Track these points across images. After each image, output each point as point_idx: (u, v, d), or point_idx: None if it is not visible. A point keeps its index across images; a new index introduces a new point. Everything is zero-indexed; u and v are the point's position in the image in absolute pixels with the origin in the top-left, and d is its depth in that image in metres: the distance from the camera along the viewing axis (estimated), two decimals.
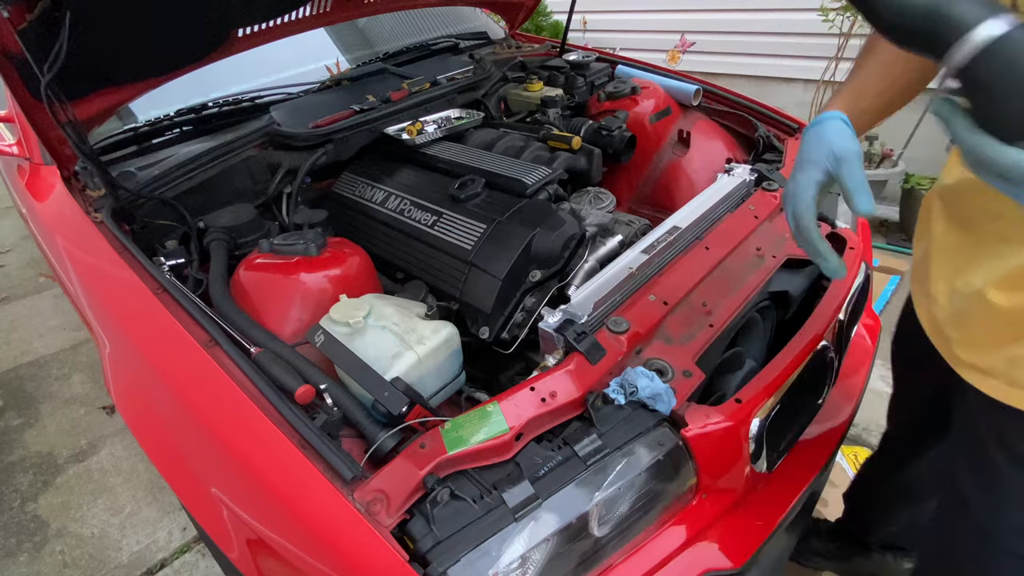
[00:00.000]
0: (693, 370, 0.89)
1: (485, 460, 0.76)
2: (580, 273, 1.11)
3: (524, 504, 0.72)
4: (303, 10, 1.50)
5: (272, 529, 0.75)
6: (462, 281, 1.09)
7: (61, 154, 1.21)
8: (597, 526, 0.80)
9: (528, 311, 1.07)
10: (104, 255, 1.05)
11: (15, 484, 1.85)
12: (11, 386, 2.25)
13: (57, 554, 1.63)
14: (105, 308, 1.05)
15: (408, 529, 0.69)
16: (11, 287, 2.92)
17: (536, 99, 1.73)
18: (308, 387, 0.81)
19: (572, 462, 0.77)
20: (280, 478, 0.73)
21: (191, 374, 0.86)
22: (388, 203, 1.29)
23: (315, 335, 0.91)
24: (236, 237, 1.21)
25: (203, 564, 1.57)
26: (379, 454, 0.75)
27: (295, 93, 1.60)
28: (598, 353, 0.85)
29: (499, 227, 1.10)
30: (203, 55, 1.36)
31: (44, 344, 2.47)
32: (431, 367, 0.91)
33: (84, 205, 1.17)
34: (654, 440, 0.83)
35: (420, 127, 1.49)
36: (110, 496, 1.78)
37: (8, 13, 0.96)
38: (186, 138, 1.43)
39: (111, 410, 2.10)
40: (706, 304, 1.00)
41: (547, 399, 0.80)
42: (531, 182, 1.21)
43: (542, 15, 4.42)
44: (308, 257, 1.05)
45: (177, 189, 1.26)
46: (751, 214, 1.17)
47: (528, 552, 0.73)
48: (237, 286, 1.06)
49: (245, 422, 0.77)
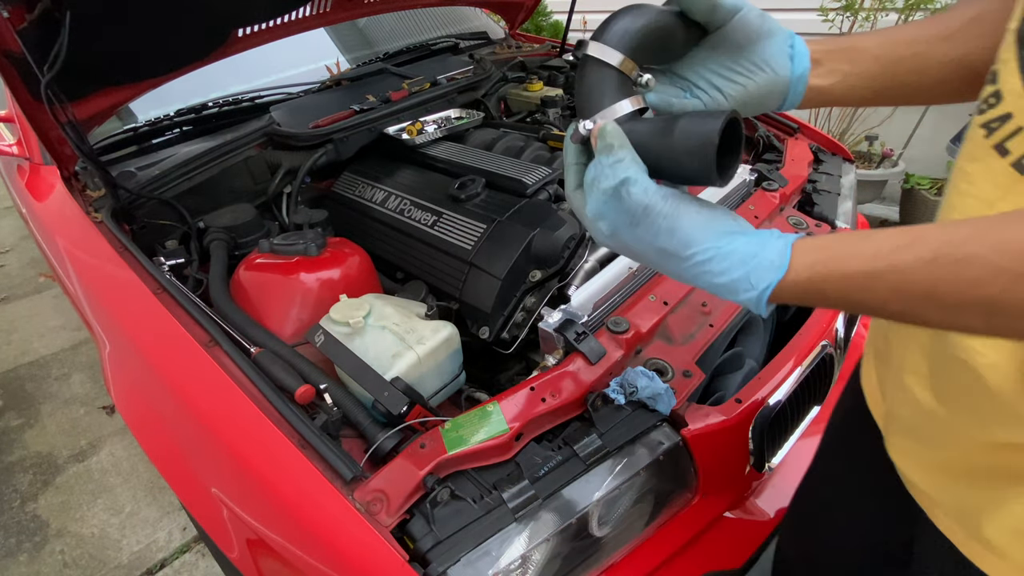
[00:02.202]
0: (693, 370, 0.89)
1: (485, 460, 0.76)
2: (580, 273, 1.11)
3: (524, 504, 0.72)
4: (303, 10, 1.50)
5: (272, 529, 0.75)
6: (462, 281, 1.09)
7: (61, 154, 1.21)
8: (597, 526, 0.80)
9: (528, 311, 1.07)
10: (104, 255, 1.05)
11: (15, 484, 1.85)
12: (11, 386, 2.25)
13: (57, 554, 1.63)
14: (105, 308, 1.05)
15: (408, 529, 0.69)
16: (11, 287, 2.92)
17: (536, 99, 1.73)
18: (308, 387, 0.81)
19: (572, 462, 0.77)
20: (280, 478, 0.73)
21: (191, 374, 0.86)
22: (388, 203, 1.29)
23: (315, 335, 0.91)
24: (236, 237, 1.21)
25: (203, 564, 1.57)
26: (379, 454, 0.75)
27: (295, 93, 1.60)
28: (598, 353, 0.85)
29: (499, 227, 1.10)
30: (203, 55, 1.36)
31: (44, 344, 2.47)
32: (431, 367, 0.91)
33: (84, 205, 1.17)
34: (654, 440, 0.83)
35: (420, 127, 1.49)
36: (110, 496, 1.78)
37: (8, 13, 0.96)
38: (186, 138, 1.43)
39: (111, 410, 2.10)
40: (706, 304, 1.00)
41: (547, 399, 0.80)
42: (531, 182, 1.21)
43: (542, 15, 4.42)
44: (308, 257, 1.05)
45: (177, 189, 1.26)
46: (751, 214, 1.17)
47: (528, 552, 0.73)
48: (237, 286, 1.06)
49: (245, 422, 0.77)
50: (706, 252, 0.43)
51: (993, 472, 0.46)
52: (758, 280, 0.42)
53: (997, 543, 0.47)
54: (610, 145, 0.45)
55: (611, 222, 0.46)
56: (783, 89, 0.53)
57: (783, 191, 1.25)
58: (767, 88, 0.53)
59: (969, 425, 0.47)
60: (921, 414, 0.51)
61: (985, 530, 0.47)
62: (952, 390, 0.48)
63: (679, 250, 0.44)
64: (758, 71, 0.52)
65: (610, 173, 0.44)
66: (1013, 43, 0.40)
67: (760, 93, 0.53)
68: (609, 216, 0.45)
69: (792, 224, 1.21)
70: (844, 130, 2.96)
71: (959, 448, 0.49)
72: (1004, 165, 0.39)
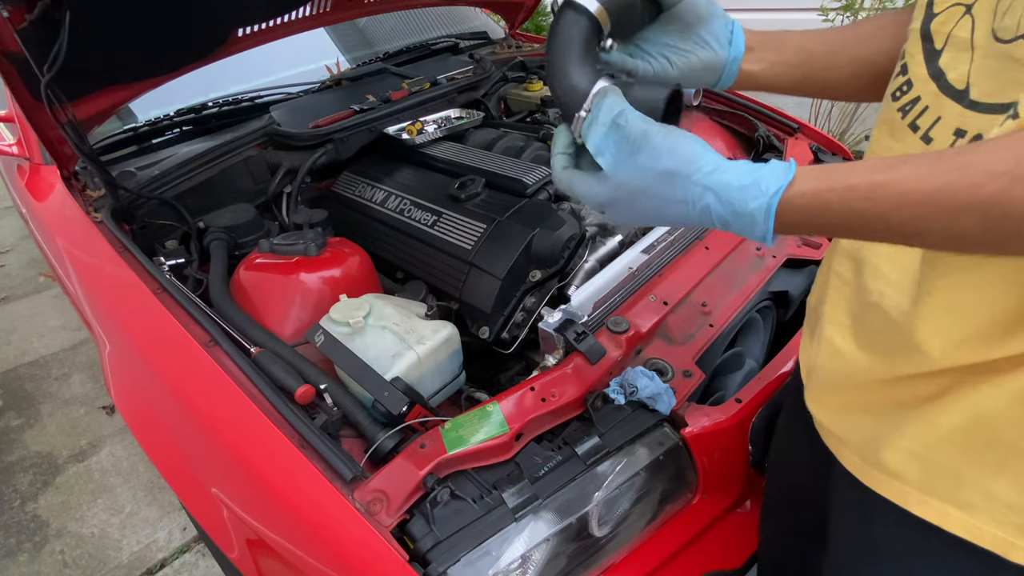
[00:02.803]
0: (693, 370, 0.89)
1: (485, 460, 0.76)
2: (580, 273, 1.11)
3: (524, 504, 0.72)
4: (303, 10, 1.50)
5: (272, 529, 0.75)
6: (462, 281, 1.09)
7: (61, 154, 1.21)
8: (597, 526, 0.80)
9: (528, 311, 1.07)
10: (104, 255, 1.05)
11: (15, 484, 1.85)
12: (11, 386, 2.25)
13: (57, 554, 1.63)
14: (105, 308, 1.05)
15: (408, 529, 0.69)
16: (11, 287, 2.92)
17: (536, 99, 1.73)
18: (308, 387, 0.81)
19: (572, 462, 0.77)
20: (280, 478, 0.73)
21: (191, 374, 0.86)
22: (388, 203, 1.29)
23: (315, 335, 0.91)
24: (236, 237, 1.21)
25: (203, 564, 1.57)
26: (379, 454, 0.75)
27: (295, 93, 1.60)
28: (598, 353, 0.85)
29: (499, 227, 1.10)
30: (203, 55, 1.36)
31: (44, 344, 2.47)
32: (431, 367, 0.91)
33: (84, 205, 1.17)
34: (654, 440, 0.83)
35: (420, 127, 1.49)
36: (110, 496, 1.78)
37: (8, 13, 0.96)
38: (186, 138, 1.43)
39: (111, 410, 2.09)
40: (706, 304, 1.00)
41: (547, 399, 0.80)
42: (531, 182, 1.21)
43: (542, 15, 4.42)
44: (308, 257, 1.05)
45: (177, 189, 1.26)
46: None
47: (528, 552, 0.73)
48: (237, 286, 1.06)
49: (245, 422, 0.77)
50: (712, 163, 0.45)
51: (893, 403, 0.52)
52: (767, 185, 0.43)
53: (894, 466, 0.52)
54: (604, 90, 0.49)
55: (613, 155, 0.47)
56: (720, 67, 0.61)
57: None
58: (707, 63, 0.61)
59: (879, 363, 0.53)
60: (838, 360, 0.58)
61: (883, 456, 0.52)
62: (868, 333, 0.55)
63: (683, 166, 0.45)
64: (701, 48, 0.60)
65: (608, 109, 0.48)
66: (917, 39, 0.48)
67: (701, 67, 0.61)
68: (610, 148, 0.48)
69: None
70: (844, 130, 2.97)
71: (866, 387, 0.55)
72: (915, 139, 0.48)
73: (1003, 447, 0.45)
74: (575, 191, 0.51)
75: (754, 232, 0.45)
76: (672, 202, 0.46)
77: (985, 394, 0.45)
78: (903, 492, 0.51)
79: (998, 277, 0.42)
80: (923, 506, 0.50)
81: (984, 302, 0.43)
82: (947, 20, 0.46)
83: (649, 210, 0.48)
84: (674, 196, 0.46)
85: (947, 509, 0.49)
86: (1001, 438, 0.45)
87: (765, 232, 0.44)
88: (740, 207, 0.44)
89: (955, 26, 0.45)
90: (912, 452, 0.50)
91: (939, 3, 0.47)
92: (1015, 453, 0.45)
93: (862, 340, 0.55)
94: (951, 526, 0.49)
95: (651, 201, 0.47)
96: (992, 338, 0.43)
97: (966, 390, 0.46)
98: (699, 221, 0.46)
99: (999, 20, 0.41)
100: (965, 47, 0.44)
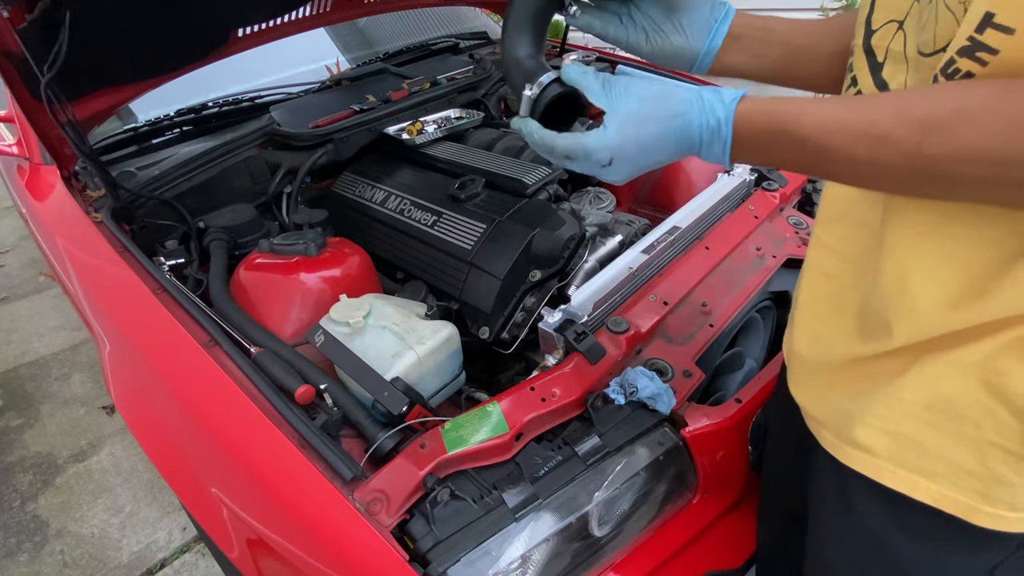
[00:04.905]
0: (693, 370, 0.90)
1: (485, 460, 0.76)
2: (580, 273, 1.11)
3: (524, 504, 0.72)
4: (303, 10, 1.50)
5: (272, 529, 0.75)
6: (462, 281, 1.09)
7: (61, 154, 1.21)
8: (597, 526, 0.80)
9: (528, 311, 1.07)
10: (104, 255, 1.05)
11: (15, 484, 1.85)
12: (11, 386, 2.25)
13: (57, 554, 1.63)
14: (105, 308, 1.05)
15: (408, 529, 0.69)
16: (11, 287, 2.92)
17: None
18: (308, 387, 0.81)
19: (572, 462, 0.77)
20: (280, 478, 0.73)
21: (191, 374, 0.86)
22: (388, 203, 1.29)
23: (315, 335, 0.91)
24: (236, 237, 1.21)
25: (203, 564, 1.57)
26: (379, 454, 0.75)
27: (295, 93, 1.60)
28: (598, 353, 0.85)
29: (499, 227, 1.10)
30: (203, 55, 1.36)
31: (44, 344, 2.47)
32: (431, 367, 0.91)
33: (84, 205, 1.17)
34: (654, 440, 0.83)
35: (420, 127, 1.49)
36: (110, 496, 1.78)
37: (8, 13, 0.96)
38: (186, 138, 1.43)
39: (111, 410, 2.09)
40: (706, 304, 1.00)
41: (547, 399, 0.80)
42: (531, 182, 1.21)
43: None
44: (308, 257, 1.05)
45: (177, 189, 1.26)
46: (751, 214, 1.17)
47: (528, 552, 0.73)
48: (237, 286, 1.06)
49: (245, 422, 0.77)
50: (683, 84, 0.51)
51: (863, 382, 0.55)
52: (727, 94, 0.49)
53: (866, 442, 0.55)
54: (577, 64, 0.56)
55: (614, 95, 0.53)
56: (691, 57, 0.64)
57: (783, 191, 1.25)
58: (678, 51, 0.64)
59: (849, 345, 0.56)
60: (814, 345, 0.62)
61: (856, 433, 0.55)
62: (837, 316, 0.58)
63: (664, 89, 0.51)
64: (675, 34, 0.63)
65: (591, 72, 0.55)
66: (862, 53, 0.52)
67: (672, 52, 0.64)
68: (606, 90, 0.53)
69: (792, 224, 1.21)
70: None
71: (838, 368, 0.59)
72: None
73: (959, 418, 0.49)
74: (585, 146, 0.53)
75: (717, 138, 0.49)
76: (655, 114, 0.51)
77: (941, 370, 0.49)
78: (875, 465, 0.55)
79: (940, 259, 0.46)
80: (893, 476, 0.53)
81: (930, 282, 0.47)
82: (884, 35, 0.50)
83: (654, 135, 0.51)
84: (657, 111, 0.51)
85: (914, 478, 0.52)
86: (957, 410, 0.49)
87: (726, 138, 0.49)
88: (711, 116, 0.49)
89: (891, 40, 0.49)
90: (881, 428, 0.53)
91: (876, 20, 0.51)
92: (971, 423, 0.48)
93: (831, 323, 0.59)
94: (919, 494, 0.52)
95: (654, 125, 0.51)
96: (940, 315, 0.47)
97: (924, 366, 0.50)
98: (685, 135, 0.51)
99: (920, 35, 0.45)
100: (901, 59, 0.48)
